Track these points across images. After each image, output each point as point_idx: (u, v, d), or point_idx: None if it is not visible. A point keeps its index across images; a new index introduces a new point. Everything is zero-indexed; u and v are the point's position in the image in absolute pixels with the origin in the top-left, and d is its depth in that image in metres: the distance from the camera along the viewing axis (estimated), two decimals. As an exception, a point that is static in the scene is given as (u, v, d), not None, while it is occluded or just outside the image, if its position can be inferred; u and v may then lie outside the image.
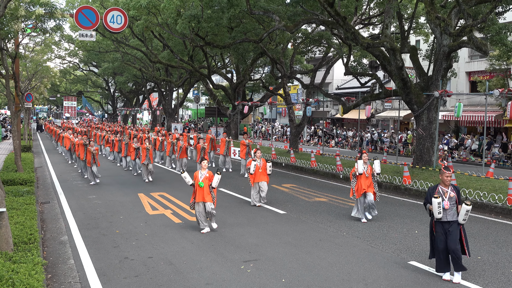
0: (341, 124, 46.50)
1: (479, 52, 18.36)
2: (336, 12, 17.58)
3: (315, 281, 7.41)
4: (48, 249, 9.01)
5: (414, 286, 7.26)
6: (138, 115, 69.93)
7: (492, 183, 14.98)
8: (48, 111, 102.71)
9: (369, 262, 8.39)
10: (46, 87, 40.05)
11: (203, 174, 10.45)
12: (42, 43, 29.27)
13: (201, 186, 10.27)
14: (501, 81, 26.31)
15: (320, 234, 10.36)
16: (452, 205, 7.57)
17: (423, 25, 25.92)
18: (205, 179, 10.39)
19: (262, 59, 32.91)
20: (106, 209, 12.84)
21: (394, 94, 20.36)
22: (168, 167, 22.47)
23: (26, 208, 10.31)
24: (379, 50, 18.59)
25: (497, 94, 18.48)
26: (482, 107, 29.49)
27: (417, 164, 18.37)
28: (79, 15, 14.06)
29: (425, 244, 9.57)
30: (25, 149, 25.28)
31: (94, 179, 17.16)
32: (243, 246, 9.30)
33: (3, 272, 6.08)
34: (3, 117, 60.87)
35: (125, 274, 7.70)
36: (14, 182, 13.94)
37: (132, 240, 9.74)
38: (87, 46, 44.04)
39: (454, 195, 7.63)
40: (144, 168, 18.04)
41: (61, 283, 7.26)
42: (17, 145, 17.00)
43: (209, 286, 7.18)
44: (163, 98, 47.40)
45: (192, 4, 23.57)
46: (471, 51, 32.83)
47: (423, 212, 12.77)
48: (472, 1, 16.55)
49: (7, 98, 17.13)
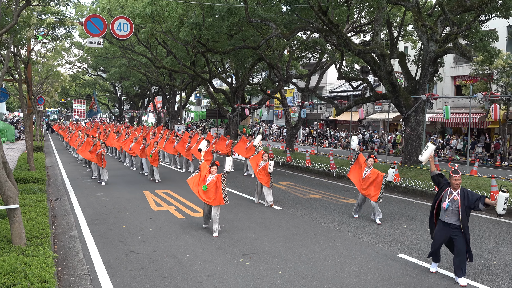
0: (334, 125, 46.51)
1: (463, 58, 18.39)
2: (329, 20, 17.61)
3: (310, 273, 7.41)
4: (59, 243, 9.00)
5: (403, 277, 7.27)
6: (143, 117, 69.84)
7: (476, 181, 15.01)
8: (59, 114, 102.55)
9: (360, 255, 8.40)
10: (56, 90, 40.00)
11: (211, 178, 9.81)
12: (53, 50, 29.19)
13: (204, 189, 9.70)
14: (484, 85, 26.35)
15: (315, 228, 10.36)
16: (453, 209, 7.18)
17: (411, 33, 25.96)
18: (211, 184, 9.73)
19: (260, 65, 32.93)
20: (114, 206, 12.82)
21: (384, 97, 20.37)
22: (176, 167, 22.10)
23: (38, 204, 10.29)
24: (369, 56, 18.61)
25: (481, 97, 18.57)
26: (467, 109, 29.54)
27: (406, 163, 18.39)
28: (88, 23, 14.06)
29: (413, 238, 9.59)
30: (37, 149, 25.22)
31: (102, 178, 16.81)
32: (242, 240, 9.30)
33: (17, 265, 6.08)
34: (16, 119, 60.79)
35: (131, 267, 7.69)
36: (26, 180, 13.92)
37: (137, 234, 9.73)
38: (95, 52, 44.11)
39: (457, 199, 7.16)
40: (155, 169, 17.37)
41: (71, 275, 7.25)
42: (30, 145, 16.96)
43: (211, 278, 7.18)
44: (167, 101, 47.36)
45: (194, 13, 23.58)
46: (456, 56, 32.88)
47: (411, 208, 12.82)
48: (457, 10, 16.56)
49: (20, 101, 17.08)
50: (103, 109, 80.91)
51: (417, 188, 14.85)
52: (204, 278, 7.17)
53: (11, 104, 74.15)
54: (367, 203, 11.68)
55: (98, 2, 33.86)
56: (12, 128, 38.03)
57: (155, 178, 17.30)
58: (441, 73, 28.77)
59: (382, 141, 34.02)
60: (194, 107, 69.33)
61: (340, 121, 44.38)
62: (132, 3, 27.80)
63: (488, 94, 18.56)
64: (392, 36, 20.63)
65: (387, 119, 29.84)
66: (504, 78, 25.03)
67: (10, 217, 7.26)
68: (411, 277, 7.29)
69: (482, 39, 16.47)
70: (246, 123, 57.22)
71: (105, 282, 7.03)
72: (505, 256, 8.44)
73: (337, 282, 7.02)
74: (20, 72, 16.53)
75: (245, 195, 14.60)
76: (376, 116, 40.71)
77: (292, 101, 47.62)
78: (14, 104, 73.34)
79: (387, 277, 7.25)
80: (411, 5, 17.16)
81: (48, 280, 5.79)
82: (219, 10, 21.10)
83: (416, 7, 17.07)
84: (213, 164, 9.93)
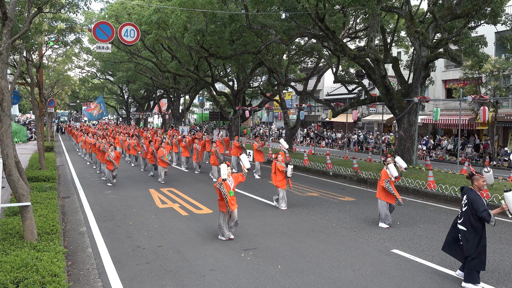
0: (331, 126, 46.47)
1: (454, 62, 18.37)
2: (326, 26, 17.60)
3: (307, 267, 7.39)
4: (69, 239, 8.99)
5: (396, 271, 7.25)
6: (149, 119, 69.87)
7: (466, 180, 14.97)
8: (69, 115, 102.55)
9: (356, 250, 8.38)
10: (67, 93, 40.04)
11: (230, 181, 8.95)
12: (63, 55, 29.23)
13: (232, 194, 8.77)
14: (473, 88, 26.32)
15: (312, 225, 10.34)
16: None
17: (404, 38, 25.95)
18: (233, 185, 8.99)
19: (260, 69, 32.92)
20: (121, 203, 12.81)
21: (378, 100, 20.36)
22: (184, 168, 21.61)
23: (49, 202, 10.29)
24: (364, 61, 18.59)
25: (470, 100, 18.52)
26: (457, 112, 29.52)
27: (399, 162, 18.34)
28: (97, 30, 14.04)
29: (406, 234, 9.57)
30: (48, 149, 25.22)
31: (111, 180, 16.27)
32: (243, 236, 9.28)
33: (28, 260, 6.07)
34: (28, 121, 60.78)
35: (137, 261, 7.68)
36: (38, 179, 13.92)
37: (143, 231, 9.72)
38: (104, 57, 44.18)
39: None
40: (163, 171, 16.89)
41: (80, 269, 7.24)
42: (41, 145, 16.97)
43: (213, 272, 7.16)
44: (171, 103, 47.36)
45: (198, 19, 23.57)
46: (447, 61, 32.86)
47: (404, 206, 12.76)
48: (447, 17, 16.55)
49: (32, 103, 17.09)
50: (111, 111, 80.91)
51: (409, 186, 14.83)
52: (207, 272, 7.15)
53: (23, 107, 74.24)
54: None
55: (107, 9, 33.87)
56: (24, 129, 38.04)
57: (158, 178, 17.04)
58: (432, 77, 28.68)
59: (376, 142, 34.01)
60: (198, 109, 69.25)
61: (337, 123, 44.34)
62: (139, 10, 27.83)
63: (477, 97, 18.53)
64: (386, 42, 20.63)
65: (381, 120, 29.82)
66: (492, 81, 25.02)
67: (22, 214, 7.26)
68: (405, 271, 7.27)
69: (471, 45, 16.50)
70: (247, 124, 57.21)
71: (113, 276, 7.02)
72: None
73: (333, 276, 7.00)
74: (32, 76, 16.55)
75: (246, 193, 14.58)
76: (370, 118, 40.69)
77: (291, 104, 47.59)
78: (26, 106, 73.43)
79: (381, 272, 7.24)
80: (403, 12, 17.15)
81: (58, 274, 5.78)
82: (221, 17, 21.09)
83: (408, 14, 17.05)
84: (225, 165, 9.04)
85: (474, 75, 25.88)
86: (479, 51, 16.82)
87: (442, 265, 7.52)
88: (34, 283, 5.41)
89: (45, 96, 25.65)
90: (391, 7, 18.80)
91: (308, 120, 48.48)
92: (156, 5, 23.45)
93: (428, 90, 32.54)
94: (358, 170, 17.78)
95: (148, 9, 24.75)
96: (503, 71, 24.98)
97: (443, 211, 11.98)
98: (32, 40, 13.80)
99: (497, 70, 24.52)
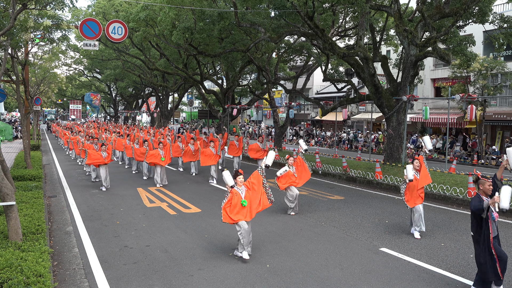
0: (320, 125, 46.63)
1: (442, 61, 18.51)
2: (315, 25, 17.63)
3: (296, 266, 7.41)
4: (55, 238, 8.91)
5: (384, 270, 7.30)
6: (138, 117, 69.48)
7: (454, 178, 15.10)
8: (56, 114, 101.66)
9: (344, 249, 8.42)
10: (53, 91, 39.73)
11: (243, 190, 7.94)
12: (50, 52, 28.96)
13: (245, 205, 7.76)
14: (462, 87, 26.58)
15: (301, 224, 10.37)
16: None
17: (393, 37, 26.09)
18: (248, 195, 7.91)
19: (249, 67, 32.84)
20: (108, 202, 12.73)
21: (367, 98, 20.44)
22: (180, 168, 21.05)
23: (35, 201, 10.17)
24: (353, 59, 18.66)
25: (458, 99, 18.71)
26: (445, 110, 29.79)
27: (388, 161, 18.46)
28: (84, 27, 13.90)
29: (394, 233, 9.64)
30: (34, 148, 24.97)
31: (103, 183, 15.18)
32: (231, 235, 9.26)
33: (13, 260, 6.00)
34: (14, 119, 60.14)
35: (124, 261, 7.64)
36: (23, 178, 13.77)
37: (131, 230, 9.67)
38: (91, 54, 43.78)
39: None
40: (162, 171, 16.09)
41: (66, 269, 7.19)
42: (27, 144, 16.79)
43: (201, 271, 7.15)
44: (160, 101, 47.13)
45: (186, 17, 23.46)
46: (436, 60, 33.14)
47: (392, 204, 12.88)
48: (436, 15, 16.67)
49: (18, 101, 16.89)
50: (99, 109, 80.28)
51: (398, 184, 14.92)
52: (195, 272, 7.14)
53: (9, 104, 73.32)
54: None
55: (94, 6, 33.61)
56: (9, 128, 37.65)
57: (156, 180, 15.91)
58: (421, 76, 28.94)
59: (365, 140, 34.20)
60: (186, 107, 69.10)
61: (326, 121, 44.51)
62: (126, 7, 27.63)
63: (465, 96, 18.71)
64: (375, 40, 20.72)
65: (370, 119, 29.98)
66: (480, 80, 25.31)
67: (7, 214, 7.17)
68: (393, 269, 7.32)
69: (459, 44, 16.61)
70: (236, 122, 57.16)
71: (100, 276, 6.98)
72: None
73: (322, 275, 7.02)
74: (18, 73, 16.35)
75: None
76: (360, 116, 40.90)
77: (280, 102, 47.70)
78: (12, 104, 72.57)
79: (369, 270, 7.27)
80: (393, 11, 17.23)
81: (43, 274, 5.72)
82: (210, 15, 21.02)
83: (397, 13, 17.14)
84: (237, 174, 8.03)
85: (463, 74, 26.15)
86: (467, 50, 16.94)
87: (430, 264, 7.58)
88: (19, 284, 5.34)
89: (31, 94, 25.37)
90: (380, 5, 18.87)
91: (297, 118, 48.56)
92: (144, 2, 23.30)
93: (417, 89, 32.75)
94: (347, 169, 17.87)
95: (136, 6, 24.58)
96: (491, 70, 25.29)
97: (431, 210, 12.08)
98: (17, 37, 13.62)
99: (485, 69, 24.82)
